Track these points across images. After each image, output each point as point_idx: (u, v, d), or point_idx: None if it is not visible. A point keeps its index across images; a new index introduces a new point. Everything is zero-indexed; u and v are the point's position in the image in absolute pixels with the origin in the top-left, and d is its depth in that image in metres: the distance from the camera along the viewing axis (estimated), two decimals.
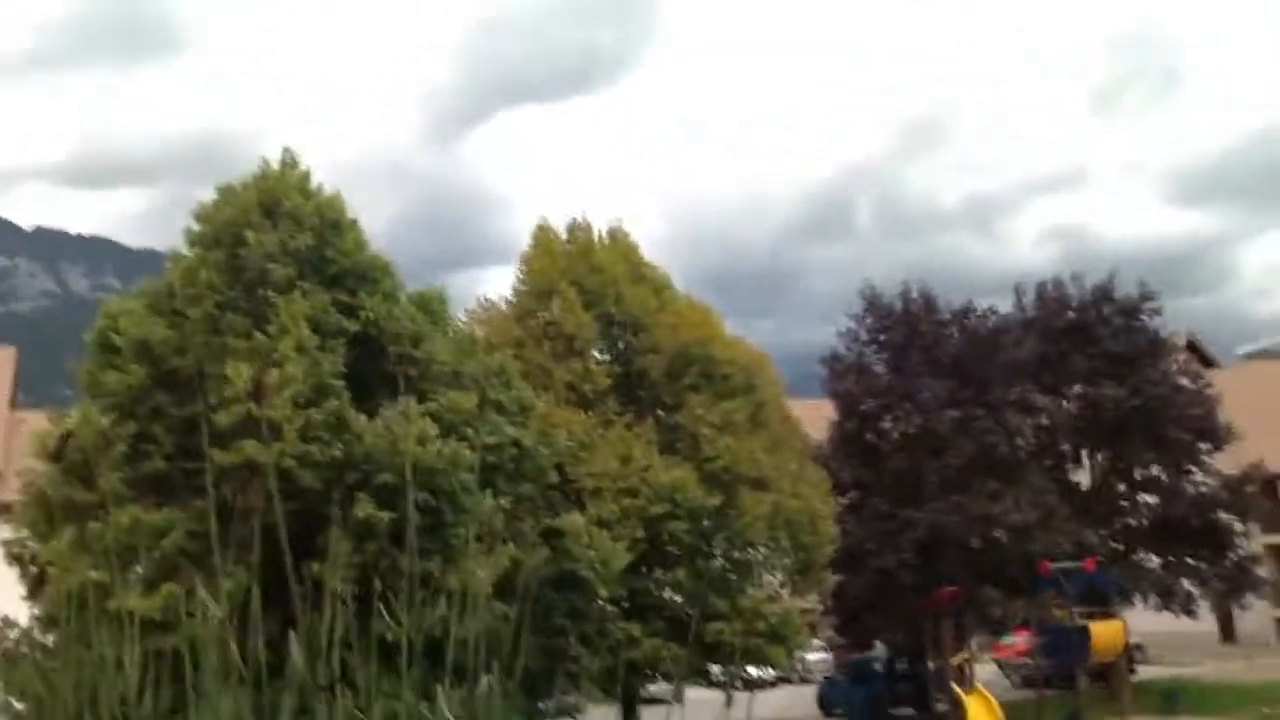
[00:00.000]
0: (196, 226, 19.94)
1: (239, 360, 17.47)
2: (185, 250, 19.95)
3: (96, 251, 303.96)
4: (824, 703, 37.21)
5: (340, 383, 17.90)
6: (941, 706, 27.25)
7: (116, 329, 18.81)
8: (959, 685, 26.25)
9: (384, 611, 2.28)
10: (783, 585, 28.38)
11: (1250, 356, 15.89)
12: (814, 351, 38.98)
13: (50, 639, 13.65)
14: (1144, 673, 36.84)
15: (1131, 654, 32.48)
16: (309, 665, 2.20)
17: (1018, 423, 32.67)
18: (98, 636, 2.57)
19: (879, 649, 36.57)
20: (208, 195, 20.60)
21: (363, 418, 17.70)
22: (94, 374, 18.88)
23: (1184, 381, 36.04)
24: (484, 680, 2.43)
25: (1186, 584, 34.88)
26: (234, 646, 2.25)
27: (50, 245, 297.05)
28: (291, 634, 2.37)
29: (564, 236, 29.53)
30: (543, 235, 29.40)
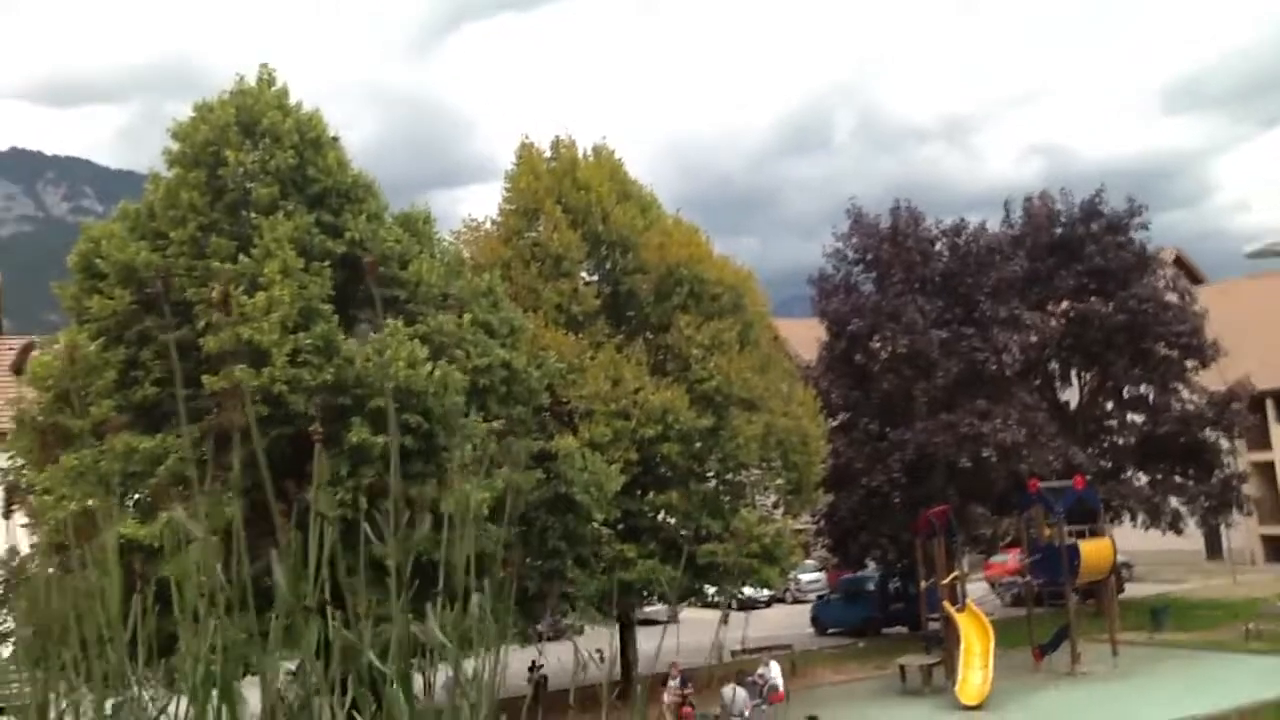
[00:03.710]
0: (174, 146, 19.47)
1: (224, 283, 17.15)
2: (164, 171, 19.52)
3: (74, 173, 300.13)
4: (818, 622, 37.60)
5: (328, 306, 17.62)
6: (934, 625, 27.50)
7: (99, 253, 18.44)
8: (951, 604, 26.45)
9: (371, 533, 2.15)
10: (775, 506, 28.47)
11: (1256, 255, 15.63)
12: (798, 270, 38.73)
13: (48, 568, 13.51)
14: (1131, 590, 37.29)
15: (1120, 571, 32.76)
16: (294, 587, 2.06)
17: (1005, 340, 32.54)
18: (96, 564, 2.39)
19: (871, 568, 36.87)
20: (183, 112, 20.13)
21: (352, 341, 17.45)
22: (78, 299, 18.55)
23: (1171, 297, 35.91)
24: (475, 601, 2.27)
25: (1174, 502, 35.12)
26: (221, 572, 2.12)
27: (28, 167, 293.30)
28: (274, 553, 2.20)
29: (548, 154, 29.07)
30: (527, 153, 28.92)
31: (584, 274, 27.88)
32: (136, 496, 16.10)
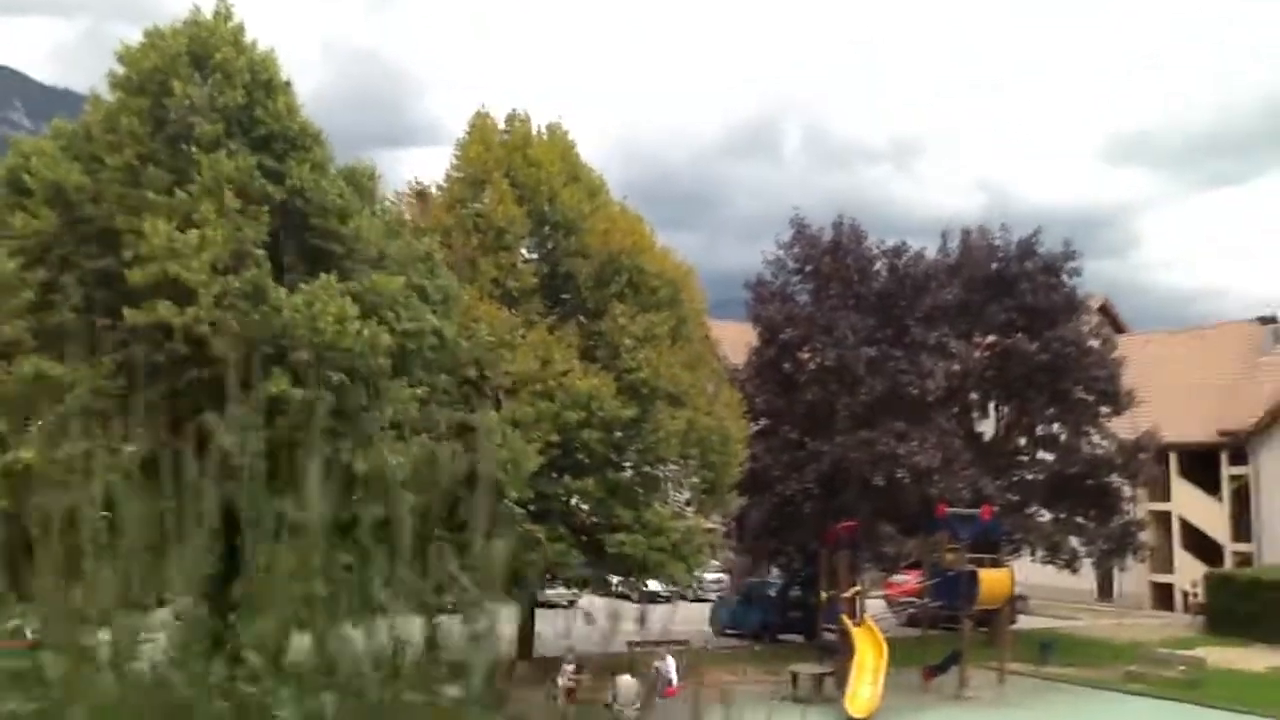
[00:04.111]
0: (119, 69, 18.90)
1: (157, 216, 16.72)
2: (106, 94, 18.95)
3: (3, 84, 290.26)
4: (717, 622, 37.85)
5: (261, 251, 17.26)
6: (830, 636, 27.84)
7: (28, 169, 17.83)
8: (849, 617, 26.80)
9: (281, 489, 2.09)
10: (689, 503, 28.57)
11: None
12: (736, 272, 38.89)
13: None
14: (1024, 622, 38.10)
15: (1015, 603, 33.48)
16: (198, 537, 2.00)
17: (931, 365, 33.01)
18: None
19: (774, 574, 37.19)
20: (129, 35, 19.59)
21: (282, 290, 17.13)
22: (1, 214, 17.94)
23: (1094, 343, 36.73)
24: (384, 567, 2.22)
25: (1073, 541, 35.95)
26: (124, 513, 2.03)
27: None
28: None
29: (501, 127, 28.83)
30: (480, 123, 28.66)
31: (524, 250, 27.72)
32: (40, 423, 15.65)
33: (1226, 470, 44.16)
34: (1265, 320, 47.00)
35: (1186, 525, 45.46)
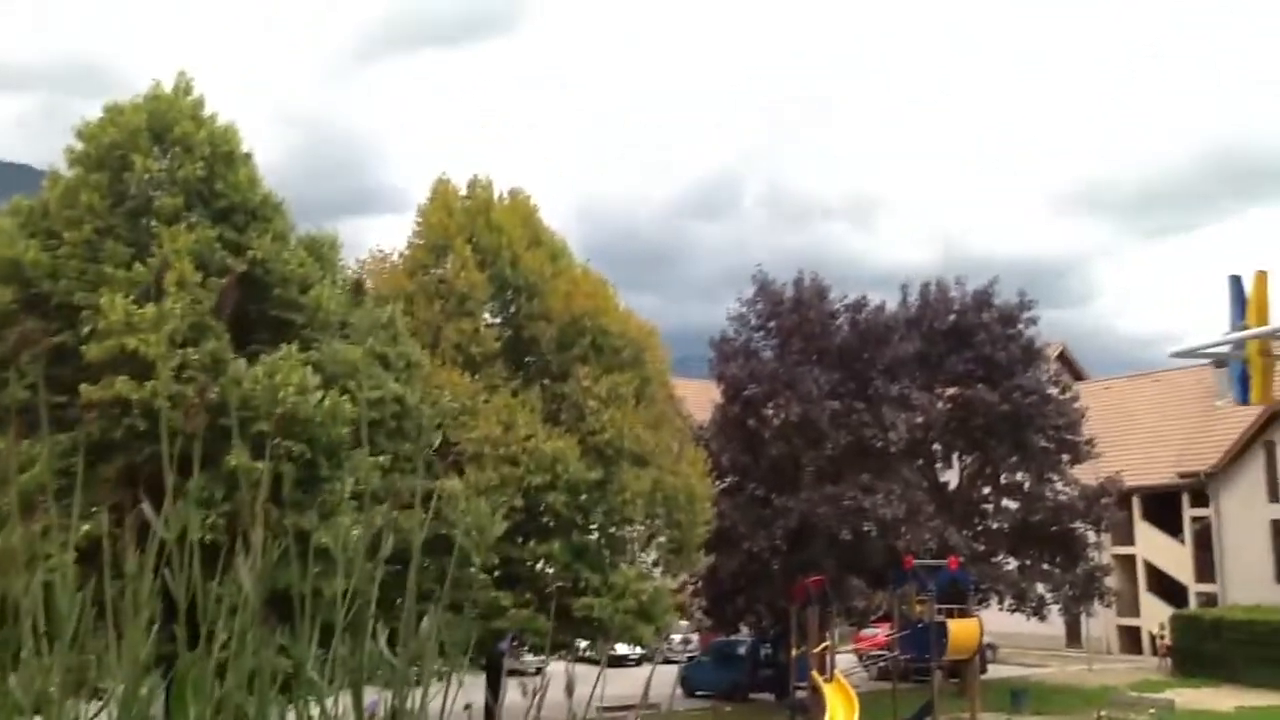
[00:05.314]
0: (78, 145, 18.99)
1: (116, 291, 16.73)
2: (64, 169, 19.01)
3: None
4: (687, 683, 37.54)
5: (221, 324, 17.27)
6: (801, 694, 27.73)
7: None
8: (819, 673, 26.73)
9: (243, 564, 2.12)
10: (656, 564, 28.48)
11: (1180, 355, 16.64)
12: (698, 330, 39.24)
13: None
14: (994, 671, 38.14)
15: (984, 652, 33.54)
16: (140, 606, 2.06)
17: (893, 418, 33.31)
18: None
19: (744, 633, 37.05)
20: (89, 111, 19.71)
21: (242, 361, 17.12)
22: None
23: (1053, 391, 37.22)
24: (343, 640, 2.29)
25: (1040, 588, 36.15)
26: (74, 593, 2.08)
27: None
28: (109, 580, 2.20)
29: (463, 193, 29.05)
30: (442, 189, 28.87)
31: (487, 315, 27.81)
32: None
33: (1188, 512, 44.66)
34: (1219, 363, 47.75)
35: (1151, 568, 45.84)
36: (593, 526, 26.25)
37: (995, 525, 37.42)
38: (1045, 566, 36.52)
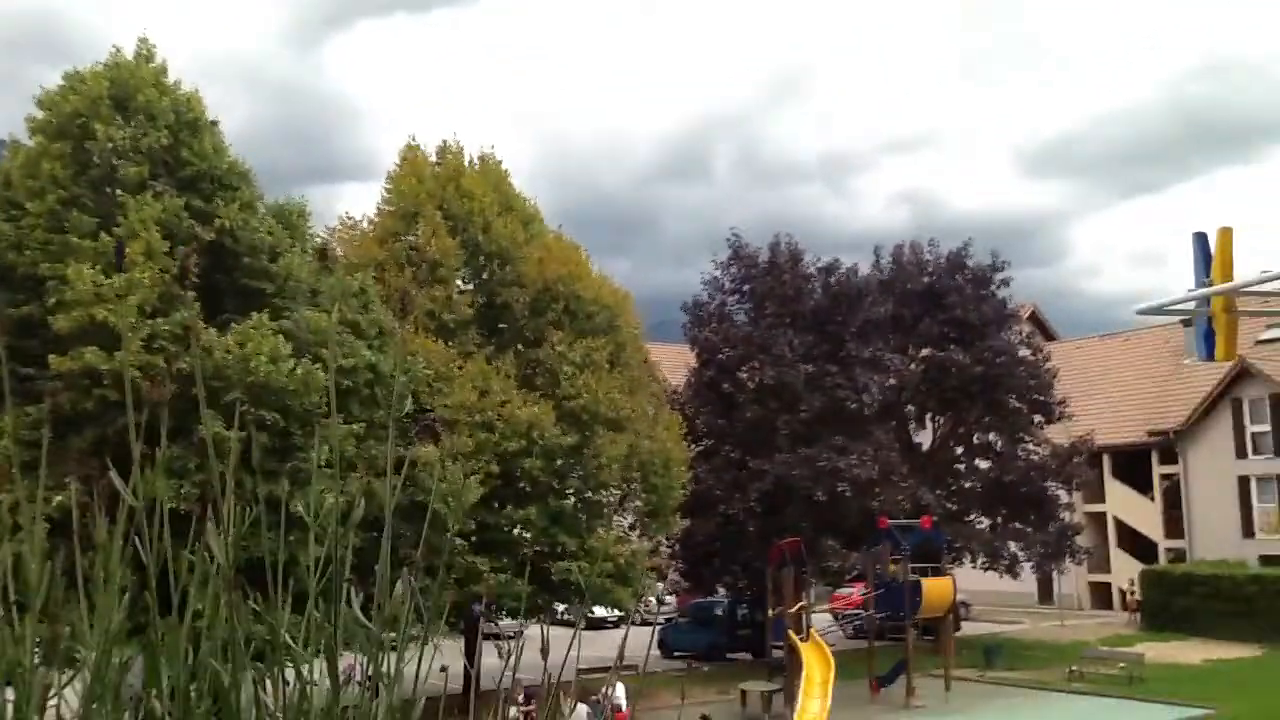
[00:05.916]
0: (39, 114, 18.70)
1: (83, 261, 16.53)
2: (26, 138, 18.72)
3: None
4: (665, 645, 37.81)
5: (190, 293, 17.09)
6: (778, 653, 27.98)
7: None
8: (796, 633, 26.96)
9: (213, 533, 2.11)
10: (632, 527, 28.62)
11: (1146, 312, 16.63)
12: (672, 294, 39.21)
13: None
14: (968, 628, 38.61)
15: (958, 610, 33.91)
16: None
17: (867, 380, 33.45)
18: None
19: (721, 594, 37.31)
20: (47, 79, 19.40)
21: (212, 331, 16.99)
22: None
23: (1025, 352, 37.46)
24: (317, 606, 2.28)
25: (1013, 546, 36.53)
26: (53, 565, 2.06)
27: None
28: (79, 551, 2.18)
29: (433, 158, 28.82)
30: (411, 155, 28.62)
31: (459, 282, 27.68)
32: None
33: (1158, 469, 45.20)
34: (1187, 322, 48.20)
35: (1121, 525, 46.43)
36: (569, 491, 26.33)
37: (968, 485, 37.72)
38: (1018, 525, 36.88)
